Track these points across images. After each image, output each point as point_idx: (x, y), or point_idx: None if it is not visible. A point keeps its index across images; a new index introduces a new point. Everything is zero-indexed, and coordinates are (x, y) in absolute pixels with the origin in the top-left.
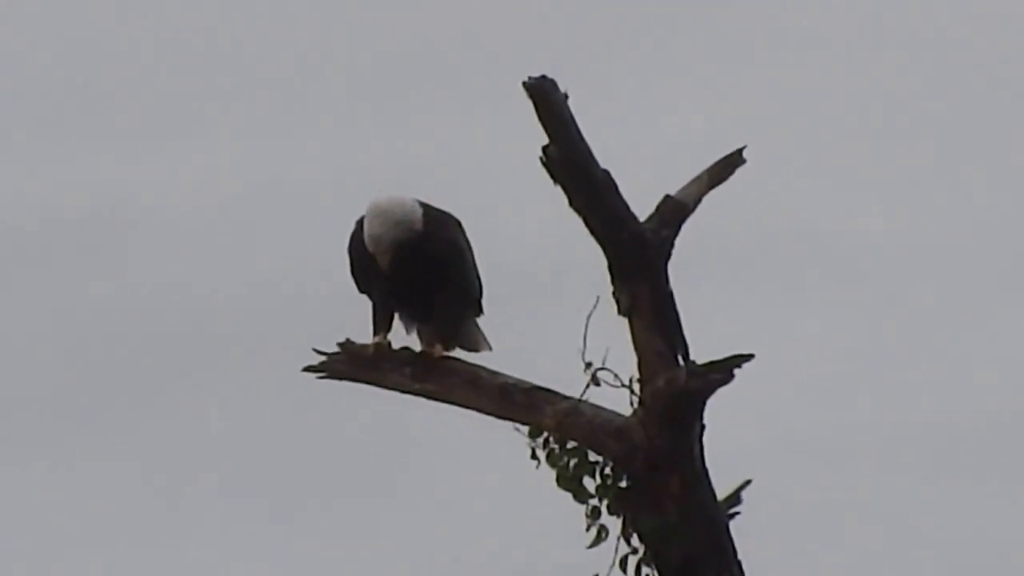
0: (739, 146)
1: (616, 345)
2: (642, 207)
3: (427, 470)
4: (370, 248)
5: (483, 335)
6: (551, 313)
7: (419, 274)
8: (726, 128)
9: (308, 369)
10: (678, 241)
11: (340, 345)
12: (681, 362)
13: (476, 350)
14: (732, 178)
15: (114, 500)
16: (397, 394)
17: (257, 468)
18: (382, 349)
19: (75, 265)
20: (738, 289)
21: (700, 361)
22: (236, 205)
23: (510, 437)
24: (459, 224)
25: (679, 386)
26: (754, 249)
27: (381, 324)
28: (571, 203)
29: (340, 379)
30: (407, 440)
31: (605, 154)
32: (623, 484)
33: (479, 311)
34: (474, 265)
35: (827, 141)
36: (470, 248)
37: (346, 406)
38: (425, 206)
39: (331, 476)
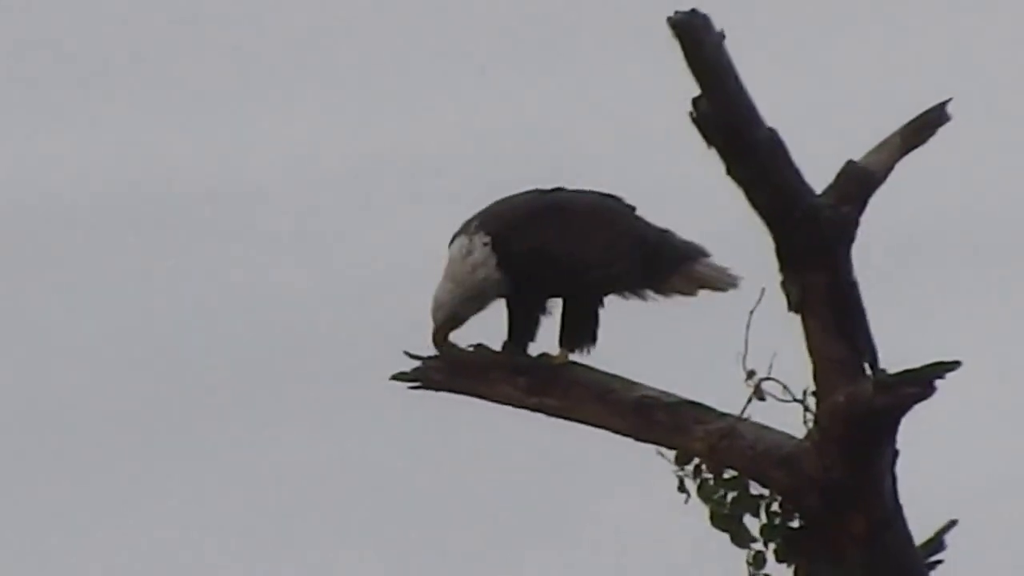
0: (940, 100)
1: (785, 350)
2: (818, 177)
3: (550, 499)
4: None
5: (721, 269)
6: (704, 309)
7: (534, 292)
8: (922, 81)
9: (398, 377)
10: (864, 220)
11: (438, 347)
12: (867, 371)
13: (722, 288)
14: (932, 141)
15: (196, 528)
16: (509, 409)
17: (343, 493)
18: (488, 353)
19: (125, 251)
20: (940, 281)
21: (891, 370)
22: (332, 180)
23: (653, 464)
24: (584, 206)
25: (864, 402)
26: (959, 233)
27: (513, 330)
28: (729, 171)
29: (438, 390)
30: (522, 463)
31: (772, 111)
32: (794, 525)
33: (678, 260)
34: (627, 235)
35: None
36: (609, 221)
37: (449, 420)
38: (512, 209)
39: (439, 504)
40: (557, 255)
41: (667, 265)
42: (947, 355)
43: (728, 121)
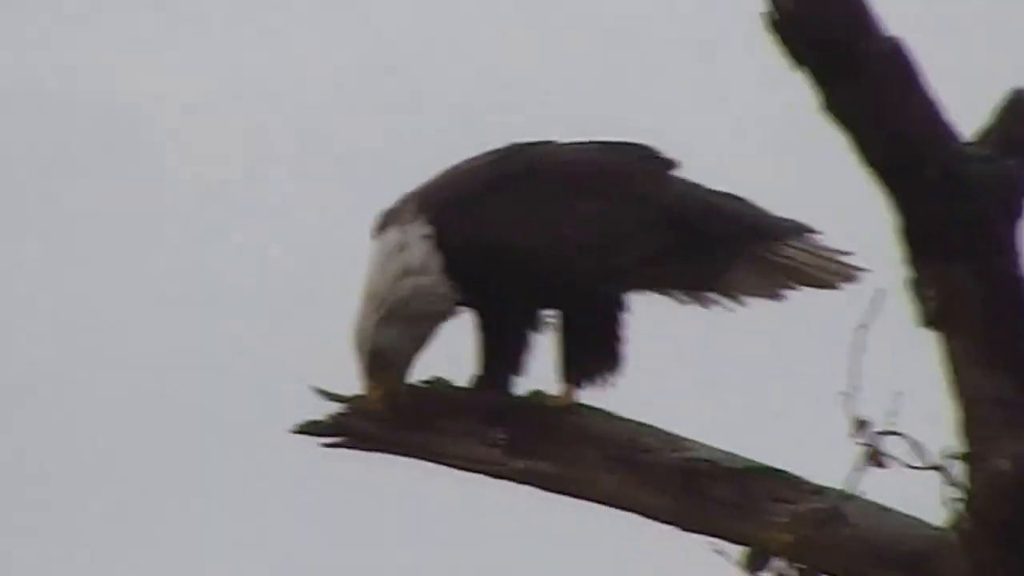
0: None
1: (915, 386)
2: (969, 116)
3: None
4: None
5: (830, 254)
6: (785, 321)
7: (511, 302)
8: None
9: (307, 429)
10: None
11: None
12: None
13: (828, 282)
14: None
15: None
16: (480, 478)
17: None
18: (449, 391)
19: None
20: None
21: None
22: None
23: (706, 565)
24: (567, 169)
25: None
26: None
27: (488, 356)
28: (828, 104)
29: (368, 448)
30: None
31: (896, 14)
32: None
33: (746, 240)
34: (645, 206)
35: None
36: (610, 189)
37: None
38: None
39: None
40: (519, 248)
41: (727, 249)
42: None
43: (828, 26)
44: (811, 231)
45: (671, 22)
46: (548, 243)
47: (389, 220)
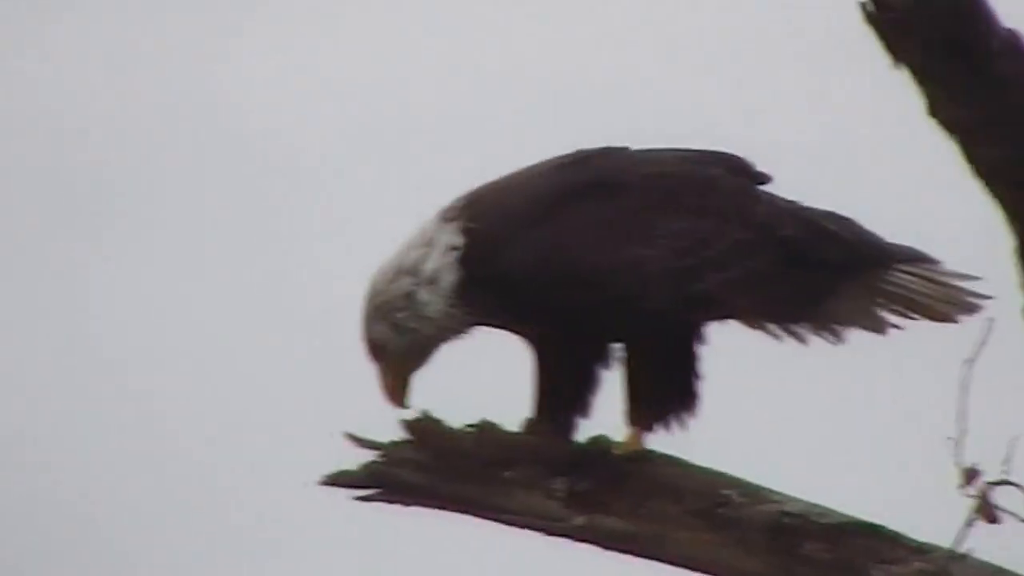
0: None
1: None
2: None
3: None
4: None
5: (949, 283)
6: (880, 357)
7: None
8: None
9: (338, 479)
10: None
11: (407, 425)
12: None
13: (945, 315)
14: None
15: None
16: (537, 536)
17: None
18: (502, 436)
19: None
20: None
21: None
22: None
23: None
24: (637, 185)
25: None
26: None
27: (546, 395)
28: (936, 109)
29: (409, 502)
30: None
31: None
32: None
33: (851, 265)
34: (728, 228)
35: None
36: (685, 207)
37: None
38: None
39: None
40: (584, 271)
41: (828, 275)
42: None
43: (939, 19)
44: (927, 259)
45: (762, 20)
46: (619, 266)
47: (444, 210)
